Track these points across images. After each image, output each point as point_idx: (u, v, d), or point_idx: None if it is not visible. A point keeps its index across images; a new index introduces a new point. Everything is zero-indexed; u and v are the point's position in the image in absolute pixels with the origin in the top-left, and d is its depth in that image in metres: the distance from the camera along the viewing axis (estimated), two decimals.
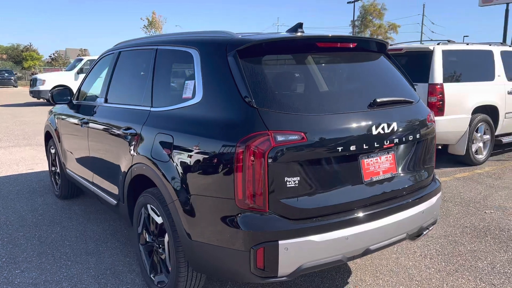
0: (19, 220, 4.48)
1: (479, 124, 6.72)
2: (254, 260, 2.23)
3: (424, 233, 2.85)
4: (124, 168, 3.18)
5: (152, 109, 2.99)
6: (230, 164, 2.25)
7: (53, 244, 3.87)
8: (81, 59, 19.33)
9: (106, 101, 3.75)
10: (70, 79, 18.43)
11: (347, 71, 2.79)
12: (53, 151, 5.21)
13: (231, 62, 2.44)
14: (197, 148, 2.44)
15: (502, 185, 5.69)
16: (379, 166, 2.56)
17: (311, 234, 2.27)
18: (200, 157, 2.42)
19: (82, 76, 18.63)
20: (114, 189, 3.45)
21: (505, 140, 7.28)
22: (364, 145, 2.44)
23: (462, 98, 6.44)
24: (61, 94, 4.45)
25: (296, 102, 2.39)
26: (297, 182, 2.27)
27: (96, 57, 19.18)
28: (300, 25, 2.88)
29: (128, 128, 3.13)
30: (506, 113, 7.09)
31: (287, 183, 2.25)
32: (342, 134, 2.37)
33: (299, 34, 2.74)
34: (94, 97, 4.22)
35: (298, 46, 2.61)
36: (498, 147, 7.72)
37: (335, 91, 2.64)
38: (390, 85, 2.84)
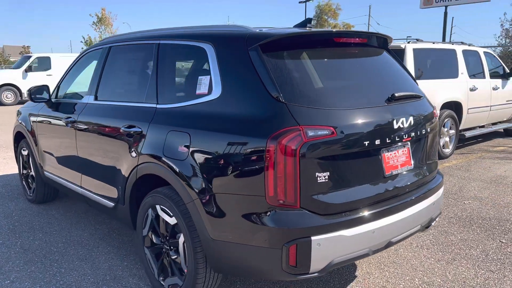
0: None
1: (446, 120, 7.03)
2: (286, 257, 2.20)
3: (432, 224, 2.94)
4: (126, 168, 3.03)
5: (159, 106, 2.87)
6: (260, 161, 2.20)
7: (39, 252, 3.63)
8: (29, 57, 18.37)
9: (96, 98, 3.56)
10: (18, 77, 17.49)
11: (361, 66, 2.80)
12: (25, 152, 4.89)
13: (254, 57, 2.38)
14: (221, 145, 2.37)
15: (472, 177, 5.98)
16: (397, 159, 2.60)
17: (341, 229, 2.27)
18: (225, 154, 2.35)
19: (31, 74, 17.73)
20: (111, 191, 3.28)
21: (468, 134, 7.67)
22: (387, 139, 2.47)
23: (432, 94, 6.69)
24: (39, 91, 4.19)
25: (321, 96, 2.38)
26: (326, 177, 2.26)
27: (45, 55, 18.42)
28: (309, 21, 2.88)
29: (131, 126, 2.98)
30: (469, 108, 7.46)
31: (318, 178, 2.24)
32: (367, 129, 2.38)
33: (311, 29, 2.73)
34: (79, 95, 4.00)
35: (317, 41, 2.59)
36: (460, 141, 8.11)
37: (354, 85, 2.64)
38: (399, 80, 2.89)
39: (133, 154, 2.94)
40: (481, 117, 7.92)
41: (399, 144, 2.59)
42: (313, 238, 2.19)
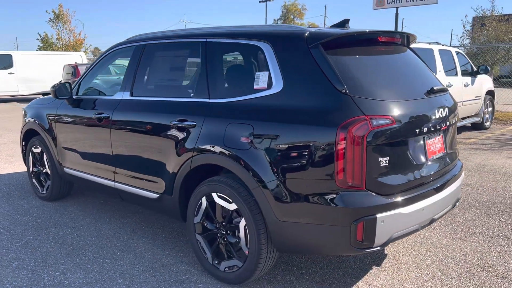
0: (18, 225, 4.18)
1: None
2: (355, 233, 2.47)
3: (457, 204, 3.29)
4: (177, 159, 3.19)
5: (212, 100, 3.06)
6: (330, 147, 2.45)
7: (76, 245, 3.71)
8: None
9: (132, 94, 3.68)
10: None
11: (398, 62, 3.10)
12: (37, 150, 4.89)
13: (316, 54, 2.63)
14: (288, 134, 2.60)
15: None
16: (435, 146, 2.93)
17: (399, 207, 2.56)
18: (293, 142, 2.58)
19: None
20: (155, 183, 3.42)
21: None
22: (431, 127, 2.79)
23: None
24: (63, 89, 4.23)
25: (377, 89, 2.66)
26: (386, 161, 2.55)
27: (7, 53, 17.76)
28: (347, 21, 3.15)
29: (182, 120, 3.15)
30: None
31: (380, 162, 2.52)
32: (416, 118, 2.69)
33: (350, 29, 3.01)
34: (108, 92, 4.09)
35: (365, 40, 2.88)
36: None
37: (398, 79, 2.94)
38: (426, 74, 3.22)
39: (187, 146, 3.10)
40: None
41: (437, 132, 2.92)
42: (378, 215, 2.47)
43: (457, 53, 9.06)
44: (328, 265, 3.31)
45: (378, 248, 2.56)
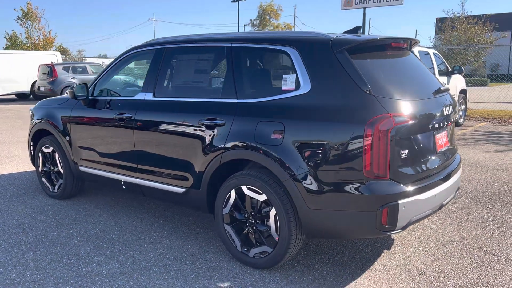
0: (37, 222, 4.32)
1: None
2: (380, 218, 2.79)
3: (457, 192, 3.67)
4: (206, 156, 3.42)
5: (239, 101, 3.32)
6: (358, 141, 2.77)
7: (102, 239, 3.90)
8: None
9: (154, 95, 3.89)
10: None
11: (407, 65, 3.43)
12: (47, 150, 5.00)
13: (341, 58, 2.94)
14: (318, 131, 2.89)
15: None
16: (442, 140, 3.30)
17: (417, 194, 2.90)
18: (323, 138, 2.88)
19: None
20: (182, 178, 3.65)
21: None
22: (440, 123, 3.14)
23: None
24: (81, 89, 4.39)
25: (396, 89, 2.98)
26: (406, 154, 2.89)
27: None
28: (359, 28, 3.49)
29: (211, 119, 3.39)
30: None
31: (401, 155, 2.85)
32: (429, 115, 3.04)
33: (363, 35, 3.34)
34: (127, 93, 4.28)
35: (381, 45, 3.21)
36: None
37: (410, 81, 3.28)
38: (431, 76, 3.58)
39: (216, 143, 3.35)
40: None
41: (443, 128, 3.28)
42: (400, 201, 2.80)
43: (435, 53, 9.61)
44: (343, 250, 3.63)
45: (399, 230, 2.89)
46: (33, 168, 6.36)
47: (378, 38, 3.14)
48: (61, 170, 4.91)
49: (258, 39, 3.40)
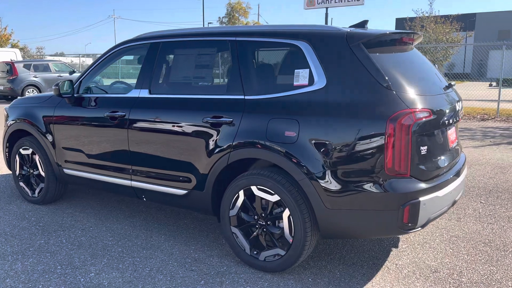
0: (20, 230, 4.00)
1: None
2: (402, 216, 2.71)
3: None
4: (211, 155, 3.25)
5: (247, 97, 3.16)
6: (380, 138, 2.68)
7: (95, 246, 3.65)
8: None
9: (150, 92, 3.67)
10: None
11: (415, 60, 3.36)
12: (26, 152, 4.66)
13: (358, 52, 2.84)
14: (337, 127, 2.78)
15: None
16: (452, 136, 3.26)
17: (436, 191, 2.85)
18: (342, 135, 2.77)
19: None
20: (184, 179, 3.46)
21: None
22: (451, 119, 3.10)
23: None
24: (67, 86, 4.11)
25: (412, 84, 2.90)
26: (425, 150, 2.82)
27: None
28: (366, 22, 3.40)
29: (216, 117, 3.22)
30: None
31: (421, 151, 2.79)
32: (444, 111, 2.99)
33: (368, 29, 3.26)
34: (118, 90, 4.03)
35: (393, 40, 3.13)
36: None
37: (423, 75, 3.21)
38: (436, 71, 3.55)
39: (223, 141, 3.18)
40: None
41: (453, 124, 3.25)
42: (420, 199, 2.74)
43: None
44: (351, 250, 3.55)
45: (419, 229, 2.83)
46: (4, 172, 5.98)
47: (391, 32, 3.06)
48: (42, 173, 4.58)
49: (266, 32, 3.25)
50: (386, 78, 2.76)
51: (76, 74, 18.49)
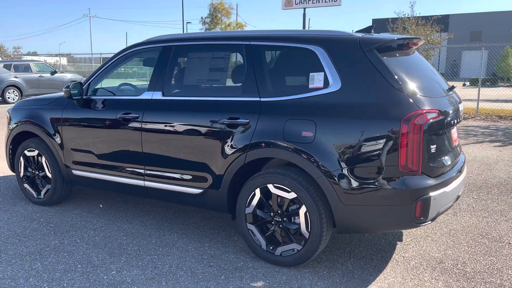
0: (32, 231, 4.04)
1: None
2: (414, 211, 2.90)
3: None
4: (228, 155, 3.37)
5: (263, 99, 3.30)
6: (394, 137, 2.86)
7: (111, 245, 3.73)
8: None
9: (163, 94, 3.77)
10: None
11: (421, 63, 3.56)
12: (32, 153, 4.68)
13: (372, 57, 3.02)
14: (352, 128, 2.95)
15: None
16: (454, 135, 3.48)
17: (444, 186, 3.05)
18: (357, 135, 2.94)
19: None
20: (199, 179, 3.57)
21: None
22: (454, 119, 3.31)
23: None
24: (76, 88, 4.17)
25: (420, 86, 3.10)
26: (434, 148, 3.02)
27: None
28: (372, 27, 3.59)
29: (233, 118, 3.35)
30: None
31: (431, 149, 2.98)
32: (448, 111, 3.19)
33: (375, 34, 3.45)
34: (129, 92, 4.12)
35: (402, 45, 3.33)
36: None
37: (428, 78, 3.41)
38: (438, 75, 3.76)
39: (240, 142, 3.31)
40: None
41: (455, 124, 3.46)
42: (431, 194, 2.93)
43: None
44: (359, 244, 3.73)
45: (429, 222, 3.02)
46: (6, 173, 5.96)
47: (399, 37, 3.25)
48: (49, 175, 4.62)
49: (281, 37, 3.39)
50: (398, 81, 2.94)
51: (59, 75, 18.30)
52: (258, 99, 3.33)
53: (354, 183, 2.97)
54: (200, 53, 3.84)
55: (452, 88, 3.55)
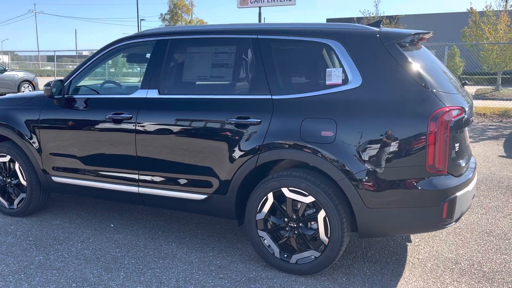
0: (10, 246, 3.61)
1: None
2: (441, 212, 2.78)
3: None
4: (237, 158, 3.13)
5: (275, 97, 3.08)
6: (421, 136, 2.72)
7: (105, 259, 3.38)
8: None
9: (159, 93, 3.46)
10: None
11: (432, 58, 3.44)
12: (3, 159, 4.21)
13: (393, 51, 2.87)
14: (377, 126, 2.79)
15: None
16: (467, 133, 3.40)
17: (466, 186, 2.95)
18: (381, 133, 2.78)
19: None
20: (204, 184, 3.30)
21: None
22: (470, 116, 3.22)
23: None
24: (57, 87, 3.77)
25: (441, 83, 2.98)
26: (458, 146, 2.92)
27: None
28: (380, 22, 3.45)
29: (242, 118, 3.11)
30: None
31: (455, 148, 2.88)
32: (467, 108, 3.10)
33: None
34: (118, 90, 3.77)
35: (418, 39, 3.20)
36: None
37: (443, 74, 3.29)
38: (446, 69, 3.67)
39: (251, 143, 3.07)
40: None
41: (472, 121, 3.38)
42: (457, 194, 2.82)
43: None
44: (369, 247, 3.60)
45: (454, 223, 2.92)
46: None
47: (417, 32, 3.12)
48: (24, 182, 4.17)
49: (294, 31, 3.17)
50: (421, 76, 2.81)
51: (8, 73, 17.21)
52: (269, 96, 3.10)
53: (379, 185, 2.81)
54: (200, 47, 3.55)
55: (464, 84, 3.47)
